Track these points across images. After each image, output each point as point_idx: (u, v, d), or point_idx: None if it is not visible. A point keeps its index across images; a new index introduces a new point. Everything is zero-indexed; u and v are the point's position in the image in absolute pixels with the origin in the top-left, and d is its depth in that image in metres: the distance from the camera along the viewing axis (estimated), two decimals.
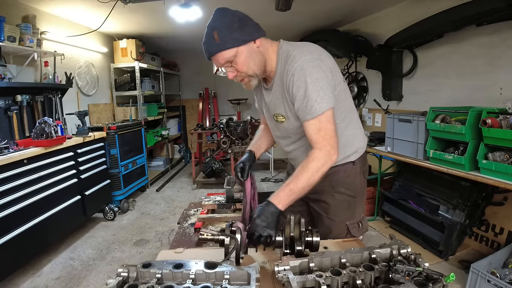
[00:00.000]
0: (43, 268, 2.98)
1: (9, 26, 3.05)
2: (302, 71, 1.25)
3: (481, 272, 2.18)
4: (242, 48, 1.25)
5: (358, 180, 1.54)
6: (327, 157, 1.26)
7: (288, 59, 1.30)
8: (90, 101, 4.80)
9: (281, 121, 1.45)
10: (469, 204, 2.79)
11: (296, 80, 1.26)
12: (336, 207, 1.51)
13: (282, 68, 1.33)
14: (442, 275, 0.89)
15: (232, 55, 1.25)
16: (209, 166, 5.43)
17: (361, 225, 1.54)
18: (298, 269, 0.99)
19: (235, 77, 1.32)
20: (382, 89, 4.34)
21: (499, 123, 2.36)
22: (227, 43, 1.23)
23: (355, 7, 4.27)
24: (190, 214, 2.38)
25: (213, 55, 1.26)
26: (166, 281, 0.93)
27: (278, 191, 1.26)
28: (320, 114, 1.25)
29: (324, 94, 1.25)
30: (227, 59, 1.26)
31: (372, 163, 4.38)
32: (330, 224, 1.51)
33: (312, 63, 1.26)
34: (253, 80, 1.35)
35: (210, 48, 1.26)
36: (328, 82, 1.27)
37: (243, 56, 1.26)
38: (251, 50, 1.28)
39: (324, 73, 1.27)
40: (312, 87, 1.24)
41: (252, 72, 1.31)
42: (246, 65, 1.28)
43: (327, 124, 1.27)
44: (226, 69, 1.30)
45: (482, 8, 2.67)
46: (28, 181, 2.73)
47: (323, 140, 1.27)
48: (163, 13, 3.94)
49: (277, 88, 1.38)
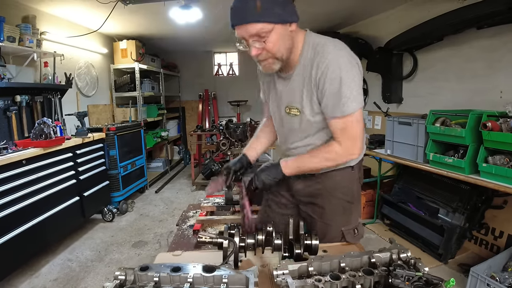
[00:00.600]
0: (41, 269, 2.96)
1: (9, 26, 3.05)
2: (337, 65, 1.20)
3: (480, 276, 2.17)
4: (279, 26, 1.16)
5: (355, 186, 1.51)
6: (346, 153, 1.29)
7: (320, 50, 1.24)
8: (90, 102, 4.80)
9: (294, 114, 1.37)
10: (468, 208, 2.78)
11: (330, 73, 1.20)
12: (332, 212, 1.47)
13: (310, 59, 1.26)
14: (442, 280, 0.88)
15: (268, 30, 1.15)
16: (208, 167, 5.40)
17: (357, 232, 1.49)
18: (297, 273, 0.98)
19: (259, 55, 1.22)
20: (382, 92, 4.34)
21: (499, 126, 2.35)
22: (269, 16, 1.13)
23: (355, 9, 4.28)
24: (189, 216, 2.37)
25: (247, 23, 1.14)
26: (164, 285, 0.92)
27: (289, 159, 1.36)
28: (349, 113, 1.23)
29: (357, 93, 1.22)
30: (260, 32, 1.15)
31: (372, 166, 4.38)
32: (324, 228, 1.46)
33: (348, 59, 1.23)
34: (277, 64, 1.26)
35: (246, 15, 1.14)
36: (360, 82, 1.25)
37: (277, 35, 1.17)
38: (286, 31, 1.20)
39: (357, 71, 1.24)
40: (346, 85, 1.20)
41: (280, 54, 1.23)
42: (277, 45, 1.19)
43: (354, 124, 1.26)
44: (253, 43, 1.18)
45: (482, 11, 2.68)
46: (26, 181, 2.72)
47: (347, 139, 1.27)
48: (163, 14, 3.94)
49: (298, 78, 1.31)
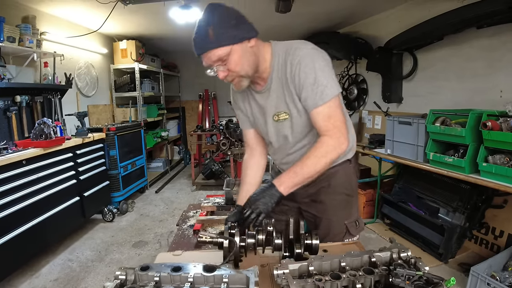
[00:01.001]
0: (42, 269, 2.96)
1: (9, 27, 3.04)
2: (309, 58, 1.24)
3: (481, 275, 2.17)
4: (236, 47, 1.20)
5: (353, 179, 1.55)
6: (337, 144, 1.24)
7: (290, 51, 1.28)
8: (90, 102, 4.80)
9: (283, 119, 1.38)
10: (469, 207, 2.78)
11: (303, 67, 1.24)
12: (335, 207, 1.50)
13: (283, 62, 1.30)
14: (442, 279, 0.89)
15: (226, 53, 1.19)
16: (208, 167, 5.42)
17: (358, 224, 1.53)
18: (298, 272, 0.98)
19: (226, 76, 1.25)
20: (382, 91, 4.34)
21: (499, 125, 2.35)
22: (223, 40, 1.17)
23: (355, 9, 4.28)
24: (189, 216, 2.37)
25: (206, 51, 1.19)
26: (164, 284, 0.92)
27: (281, 175, 1.25)
28: (329, 99, 1.24)
29: (332, 79, 1.25)
30: (220, 57, 1.19)
31: (372, 166, 4.38)
32: (328, 225, 1.50)
33: (317, 51, 1.28)
34: (244, 81, 1.29)
35: (203, 45, 1.19)
36: (332, 70, 1.28)
37: (236, 55, 1.20)
38: (245, 49, 1.23)
39: (328, 61, 1.28)
40: (321, 73, 1.24)
41: (244, 72, 1.25)
42: (240, 64, 1.22)
43: (336, 110, 1.26)
44: (218, 67, 1.23)
45: (482, 11, 2.67)
46: (26, 182, 2.72)
47: (333, 127, 1.25)
48: (163, 15, 3.94)
49: (276, 84, 1.34)
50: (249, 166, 1.59)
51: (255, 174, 1.58)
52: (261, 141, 1.59)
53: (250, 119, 1.53)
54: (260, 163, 1.60)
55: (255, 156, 1.60)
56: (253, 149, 1.61)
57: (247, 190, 1.48)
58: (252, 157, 1.61)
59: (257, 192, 1.23)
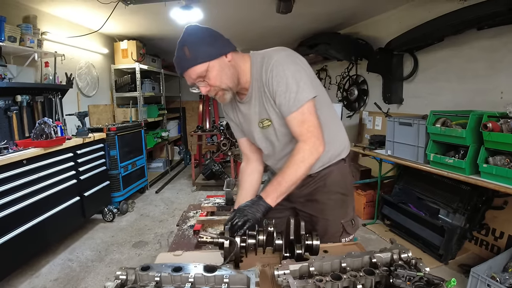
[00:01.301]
0: (41, 269, 2.96)
1: (10, 26, 3.05)
2: (280, 65, 1.27)
3: (481, 276, 2.17)
4: (213, 63, 1.25)
5: (348, 178, 1.57)
6: (313, 148, 1.27)
7: (264, 60, 1.32)
8: (90, 102, 4.80)
9: (267, 126, 1.41)
10: (469, 208, 2.78)
11: (275, 75, 1.27)
12: (332, 207, 1.51)
13: (259, 71, 1.33)
14: (443, 280, 0.89)
15: (203, 69, 1.24)
16: (208, 168, 5.42)
17: (354, 223, 1.56)
18: (298, 273, 0.98)
19: (209, 91, 1.30)
20: (382, 92, 4.34)
21: (499, 127, 2.36)
22: (198, 58, 1.23)
23: (355, 10, 4.28)
24: (190, 216, 2.37)
25: (185, 70, 1.26)
26: (165, 284, 0.93)
27: (266, 186, 1.28)
28: (302, 105, 1.26)
29: (304, 84, 1.27)
30: (199, 74, 1.25)
31: (373, 167, 4.38)
32: (325, 224, 1.51)
33: (288, 58, 1.30)
34: (227, 94, 1.33)
35: (181, 64, 1.26)
36: (306, 74, 1.30)
37: (215, 70, 1.25)
38: (223, 64, 1.28)
39: (301, 66, 1.30)
40: (292, 79, 1.26)
41: (225, 85, 1.30)
42: (219, 79, 1.27)
43: (309, 115, 1.27)
44: (199, 84, 1.28)
45: (483, 12, 2.68)
46: (27, 181, 2.72)
47: (307, 132, 1.27)
48: (164, 15, 3.94)
49: (257, 93, 1.38)
50: (246, 173, 1.63)
51: (252, 179, 1.61)
52: (255, 148, 1.62)
53: (240, 128, 1.58)
54: (257, 169, 1.64)
55: (252, 163, 1.64)
56: (249, 156, 1.64)
57: (245, 195, 1.52)
58: (248, 164, 1.65)
59: (246, 203, 1.26)
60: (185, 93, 7.87)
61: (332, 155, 1.49)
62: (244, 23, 4.80)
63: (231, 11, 4.11)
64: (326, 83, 6.14)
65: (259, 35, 5.58)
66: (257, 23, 4.81)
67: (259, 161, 1.64)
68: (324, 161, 1.47)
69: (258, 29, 5.15)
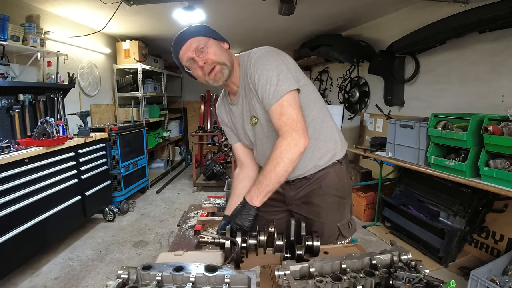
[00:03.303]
0: (42, 268, 2.97)
1: (13, 26, 3.06)
2: (260, 60, 1.30)
3: (480, 279, 2.17)
4: (213, 40, 1.32)
5: (345, 180, 1.54)
6: (291, 143, 1.22)
7: (248, 57, 1.36)
8: (92, 102, 4.81)
9: (255, 123, 1.42)
10: (469, 211, 2.78)
11: (256, 69, 1.29)
12: (328, 209, 1.50)
13: (244, 69, 1.37)
14: (442, 282, 0.89)
15: (204, 42, 1.28)
16: (209, 168, 5.43)
17: (351, 226, 1.54)
18: (299, 274, 0.99)
19: (205, 65, 1.29)
20: (383, 95, 4.35)
21: (500, 130, 2.36)
22: (201, 33, 1.31)
23: (358, 12, 4.29)
24: (190, 216, 2.38)
25: (186, 41, 1.29)
26: (166, 284, 0.93)
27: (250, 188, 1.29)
28: (281, 97, 1.24)
29: (284, 77, 1.26)
30: (198, 45, 1.28)
31: (373, 169, 4.38)
32: (321, 227, 1.49)
33: (269, 52, 1.33)
34: (225, 69, 1.32)
35: (183, 36, 1.30)
36: (287, 67, 1.30)
37: (214, 45, 1.31)
38: (221, 46, 1.34)
39: (281, 60, 1.31)
40: (271, 72, 1.27)
41: (222, 60, 1.31)
42: (218, 54, 1.30)
43: (288, 108, 1.24)
44: (196, 57, 1.28)
45: (485, 15, 2.68)
46: (28, 180, 2.73)
47: (285, 125, 1.24)
48: (167, 15, 3.96)
49: (243, 91, 1.41)
50: (238, 179, 1.64)
51: (244, 186, 1.58)
52: (249, 154, 1.62)
53: (234, 132, 1.59)
54: (249, 175, 1.63)
55: (245, 169, 1.64)
56: (243, 162, 1.65)
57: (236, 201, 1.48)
58: (242, 170, 1.65)
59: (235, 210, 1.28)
60: (186, 94, 7.89)
61: (327, 156, 1.46)
62: (246, 25, 4.81)
63: (233, 12, 4.12)
64: (328, 85, 6.15)
65: (261, 37, 5.60)
66: (259, 25, 4.82)
67: (252, 167, 1.64)
68: (318, 163, 1.46)
69: (260, 30, 5.16)
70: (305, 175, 1.48)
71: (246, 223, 1.22)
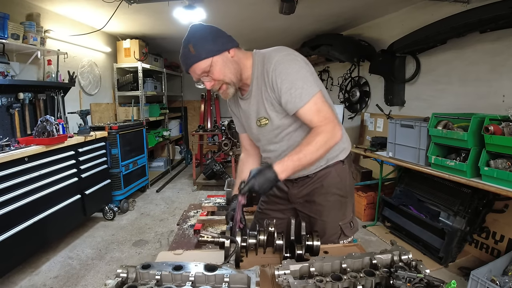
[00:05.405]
0: (42, 267, 2.97)
1: (13, 24, 3.06)
2: (282, 64, 1.31)
3: (480, 280, 2.16)
4: (216, 58, 1.30)
5: (348, 180, 1.56)
6: (333, 132, 1.27)
7: (265, 60, 1.35)
8: (92, 101, 4.81)
9: (264, 124, 1.45)
10: (470, 211, 2.78)
11: (278, 74, 1.30)
12: (330, 208, 1.52)
13: (260, 71, 1.37)
14: (443, 282, 0.89)
15: (207, 65, 1.29)
16: (210, 168, 5.43)
17: (353, 225, 1.57)
18: (299, 273, 0.99)
19: (213, 86, 1.35)
20: (384, 94, 4.34)
21: (501, 130, 2.35)
22: (202, 54, 1.28)
23: (358, 11, 4.28)
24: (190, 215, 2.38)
25: (190, 66, 1.31)
26: (166, 283, 0.93)
27: (283, 160, 1.25)
28: (311, 97, 1.28)
29: (308, 80, 1.30)
30: (203, 69, 1.30)
31: (374, 168, 4.38)
32: (323, 226, 1.52)
33: (289, 57, 1.33)
34: (230, 88, 1.37)
35: (187, 61, 1.31)
36: (308, 71, 1.33)
37: (218, 65, 1.30)
38: (226, 59, 1.33)
39: (302, 64, 1.33)
40: (296, 76, 1.29)
41: (228, 79, 1.34)
42: (222, 73, 1.32)
43: (323, 104, 1.30)
44: (204, 79, 1.33)
45: (486, 15, 2.67)
46: (28, 179, 2.73)
47: (324, 119, 1.29)
48: (167, 14, 3.95)
49: (256, 91, 1.41)
50: (245, 163, 1.71)
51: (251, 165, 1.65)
52: (255, 145, 1.66)
53: (241, 123, 1.63)
54: (255, 162, 1.70)
55: (251, 156, 1.72)
56: (248, 150, 1.72)
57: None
58: (248, 156, 1.73)
59: (254, 172, 1.23)
60: (187, 93, 7.88)
61: (330, 156, 1.49)
62: (246, 24, 4.80)
63: (234, 11, 4.11)
64: (328, 84, 6.15)
65: (261, 36, 5.59)
66: (260, 24, 4.81)
67: (256, 156, 1.70)
68: (320, 162, 1.48)
69: (261, 29, 5.16)
70: (307, 173, 1.51)
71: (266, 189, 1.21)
